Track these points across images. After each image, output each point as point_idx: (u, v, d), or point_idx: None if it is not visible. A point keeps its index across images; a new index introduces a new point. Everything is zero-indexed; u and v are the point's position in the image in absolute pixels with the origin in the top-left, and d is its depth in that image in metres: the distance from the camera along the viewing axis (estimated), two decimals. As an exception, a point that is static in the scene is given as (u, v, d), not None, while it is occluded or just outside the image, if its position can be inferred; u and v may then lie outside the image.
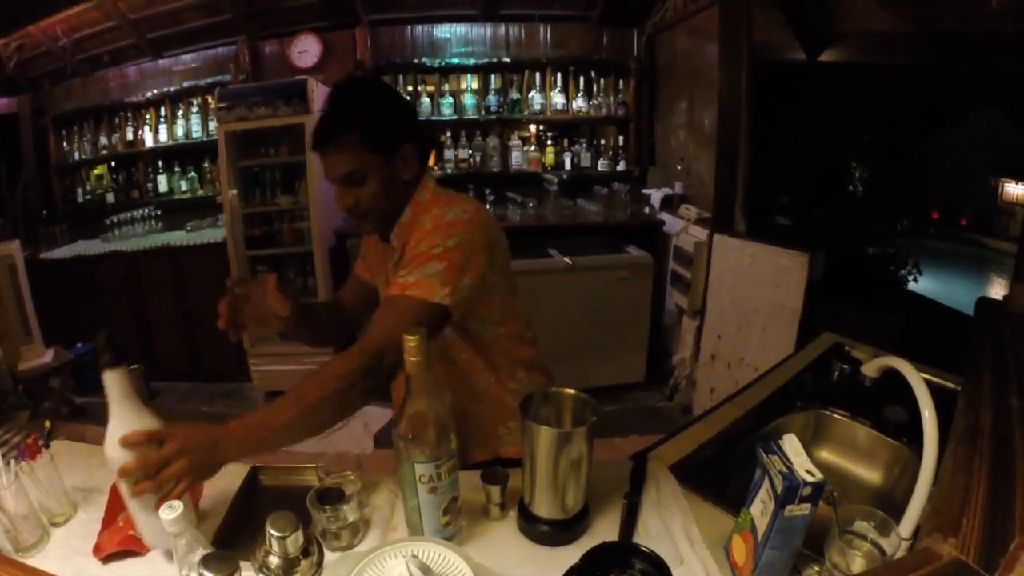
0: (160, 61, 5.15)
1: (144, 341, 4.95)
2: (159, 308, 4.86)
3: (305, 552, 1.01)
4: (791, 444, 1.08)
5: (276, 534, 0.97)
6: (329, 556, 1.11)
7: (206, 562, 0.86)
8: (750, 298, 3.53)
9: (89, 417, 4.22)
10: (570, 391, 1.33)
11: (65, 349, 4.38)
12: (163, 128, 5.15)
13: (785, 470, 1.02)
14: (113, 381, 1.04)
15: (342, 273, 4.44)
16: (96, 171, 5.38)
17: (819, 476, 1.01)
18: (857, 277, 5.03)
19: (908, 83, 5.54)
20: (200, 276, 4.73)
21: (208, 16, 4.86)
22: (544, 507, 1.24)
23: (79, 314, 4.98)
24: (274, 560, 0.98)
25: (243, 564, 0.93)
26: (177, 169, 5.23)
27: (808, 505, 1.01)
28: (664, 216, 4.54)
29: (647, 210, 4.69)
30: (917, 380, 1.24)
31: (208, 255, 4.65)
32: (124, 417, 1.06)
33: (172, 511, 0.96)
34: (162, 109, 5.16)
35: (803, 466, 1.03)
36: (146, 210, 5.14)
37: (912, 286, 5.48)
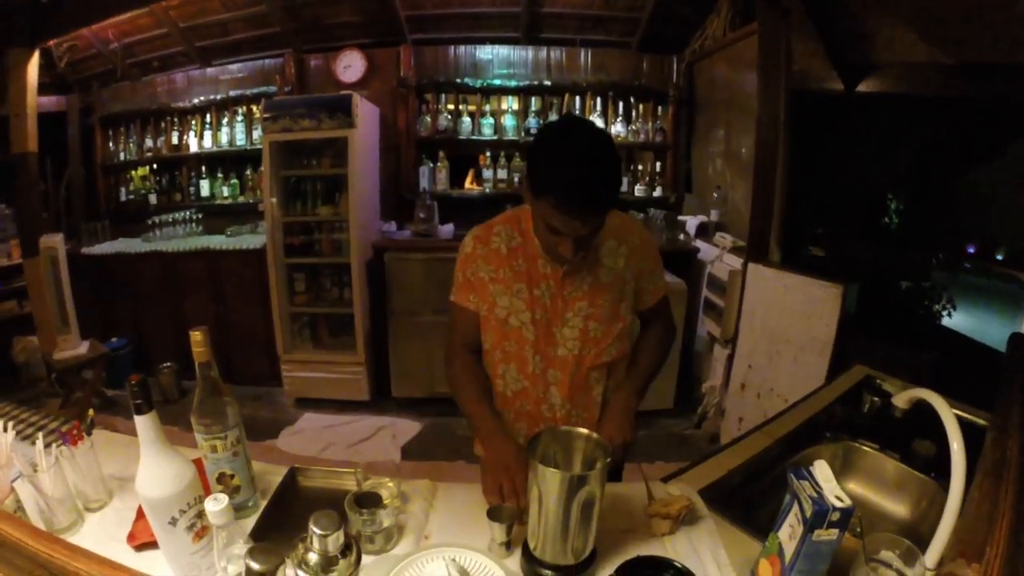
0: (208, 69, 5.28)
1: (178, 340, 5.01)
2: (194, 309, 4.93)
3: (343, 552, 1.03)
4: (821, 470, 1.09)
5: (319, 532, 0.99)
6: (364, 559, 1.14)
7: (252, 554, 0.89)
8: (782, 328, 3.51)
9: (120, 410, 4.30)
10: (582, 431, 1.29)
11: (100, 343, 4.48)
12: (208, 134, 5.26)
13: (815, 495, 1.03)
14: (144, 425, 1.08)
15: (378, 286, 4.49)
16: (140, 172, 5.51)
17: (848, 502, 1.02)
18: (890, 311, 4.98)
19: (946, 115, 5.48)
20: (237, 280, 4.83)
21: (256, 28, 4.98)
22: (549, 552, 1.19)
23: (116, 309, 5.10)
24: (313, 557, 1.00)
25: (280, 559, 0.95)
26: (219, 175, 5.33)
27: (836, 530, 1.02)
28: (699, 243, 4.53)
29: (682, 237, 4.68)
30: (947, 412, 1.24)
31: (246, 260, 4.74)
32: (154, 458, 1.10)
33: (217, 503, 1.00)
34: (207, 116, 5.27)
35: (833, 492, 1.04)
36: (187, 213, 5.25)
37: (946, 321, 5.41)
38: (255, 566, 0.87)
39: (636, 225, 1.75)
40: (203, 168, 5.37)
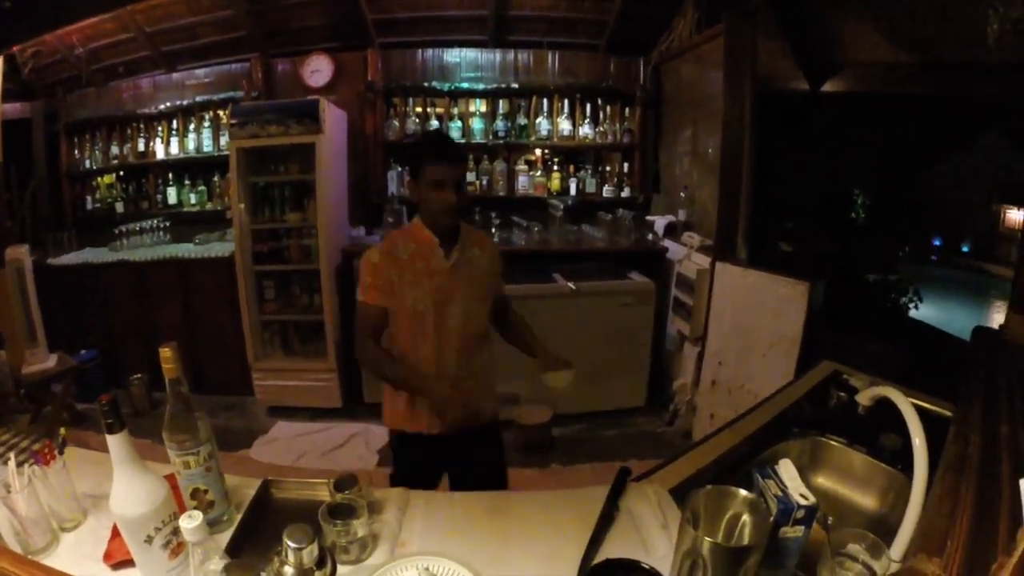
0: (174, 75, 5.22)
1: (148, 351, 4.93)
2: (164, 318, 4.87)
3: (319, 564, 1.04)
4: (786, 469, 1.12)
5: (293, 545, 1.00)
6: (340, 570, 1.14)
7: (229, 570, 0.89)
8: (751, 325, 3.56)
9: (91, 424, 4.23)
10: (741, 492, 1.16)
11: (69, 355, 4.41)
12: (174, 141, 5.20)
13: (780, 493, 1.06)
14: (116, 444, 1.08)
15: (348, 291, 4.47)
16: (106, 180, 5.42)
17: (812, 500, 1.05)
18: (858, 304, 5.06)
19: (910, 112, 5.57)
20: (207, 289, 4.77)
21: (223, 32, 4.94)
22: None
23: (84, 321, 5.00)
24: (289, 571, 1.01)
25: (257, 574, 0.95)
26: (187, 182, 5.27)
27: (801, 527, 1.05)
28: (667, 243, 4.59)
29: (650, 237, 4.73)
30: (908, 409, 1.28)
31: (216, 268, 4.68)
32: (127, 476, 1.10)
33: (192, 520, 1.00)
34: (174, 122, 5.21)
35: (797, 490, 1.07)
36: (155, 221, 5.18)
37: (913, 313, 5.51)
38: (230, 583, 0.88)
39: (489, 239, 2.45)
40: (170, 175, 5.31)
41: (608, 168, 5.22)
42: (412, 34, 4.99)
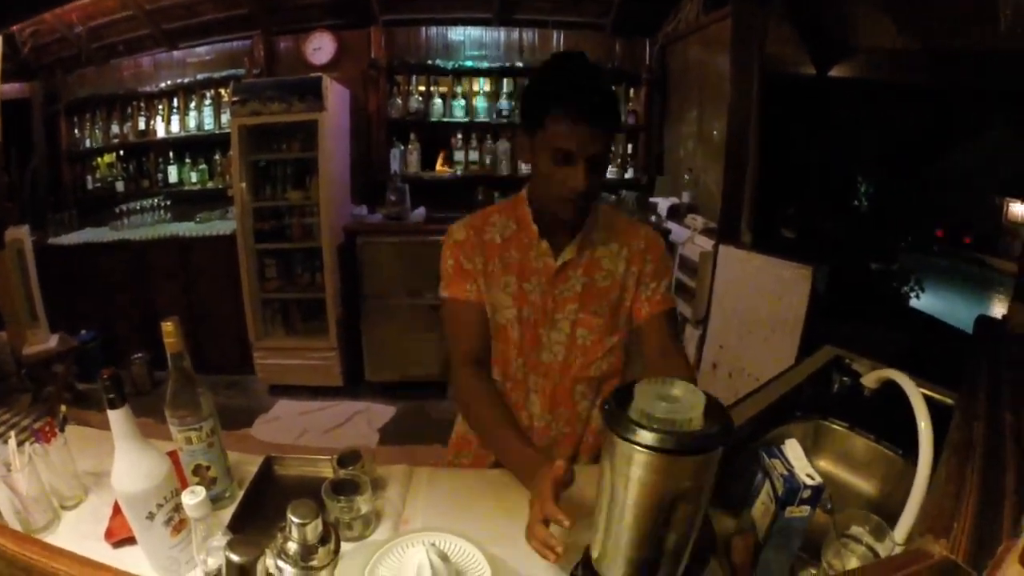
0: (175, 52, 5.17)
1: (149, 330, 4.94)
2: (165, 298, 4.86)
3: (322, 540, 1.04)
4: (792, 449, 1.12)
5: (297, 521, 1.00)
6: (343, 546, 1.14)
7: (232, 546, 0.89)
8: (753, 309, 3.55)
9: (91, 404, 4.22)
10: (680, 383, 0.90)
11: (70, 335, 4.40)
12: (175, 119, 5.16)
13: (786, 473, 1.06)
14: (118, 420, 1.07)
15: (350, 270, 4.47)
16: (106, 159, 5.38)
17: (818, 480, 1.04)
18: (859, 292, 5.05)
19: (917, 101, 5.55)
20: (208, 268, 4.77)
21: (224, 10, 4.88)
22: (619, 568, 0.92)
23: (85, 301, 4.98)
24: (292, 546, 1.01)
25: (260, 550, 0.95)
26: (188, 160, 5.24)
27: (807, 507, 1.05)
28: (671, 225, 4.56)
29: (654, 218, 4.70)
30: (914, 392, 1.27)
31: (217, 247, 4.68)
32: (128, 452, 1.09)
33: (194, 496, 0.99)
34: (175, 100, 5.17)
35: (804, 470, 1.06)
36: (155, 200, 5.16)
37: (913, 303, 5.50)
38: (235, 558, 0.87)
39: (644, 229, 1.61)
40: (171, 154, 5.27)
41: (612, 149, 5.18)
42: (416, 11, 4.95)
